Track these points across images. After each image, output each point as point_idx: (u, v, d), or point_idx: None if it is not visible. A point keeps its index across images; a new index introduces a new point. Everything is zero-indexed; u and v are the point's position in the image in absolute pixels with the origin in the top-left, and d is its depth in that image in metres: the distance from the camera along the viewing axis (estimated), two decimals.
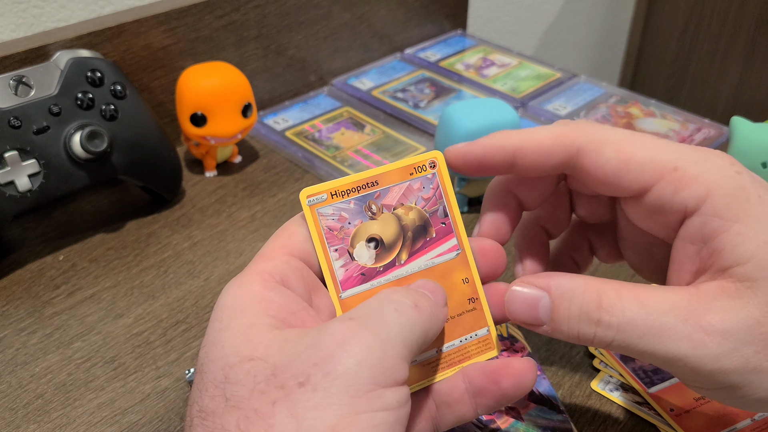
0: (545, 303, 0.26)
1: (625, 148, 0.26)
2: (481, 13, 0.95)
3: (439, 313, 0.26)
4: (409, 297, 0.25)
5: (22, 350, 0.40)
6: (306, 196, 0.27)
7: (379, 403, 0.22)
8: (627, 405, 0.36)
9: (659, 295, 0.25)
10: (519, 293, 0.26)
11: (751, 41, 1.09)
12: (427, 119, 0.62)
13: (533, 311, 0.26)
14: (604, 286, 0.25)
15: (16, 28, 0.54)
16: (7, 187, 0.43)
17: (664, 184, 0.25)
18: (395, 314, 0.24)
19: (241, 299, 0.25)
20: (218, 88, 0.51)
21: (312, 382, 0.22)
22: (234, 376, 0.23)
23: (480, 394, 0.27)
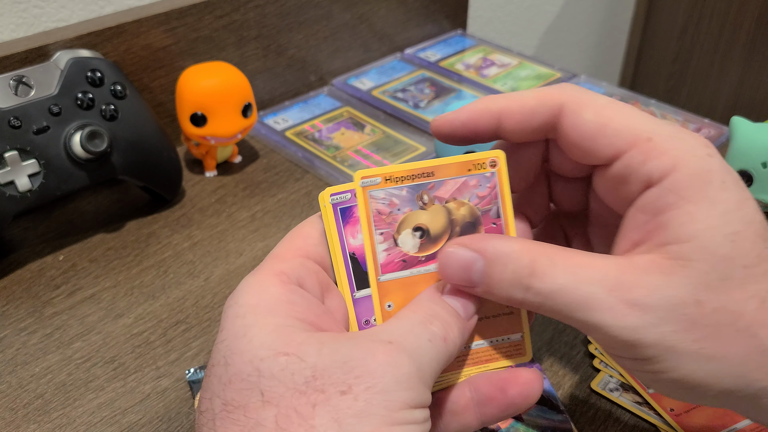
0: (479, 266, 0.26)
1: (605, 113, 0.26)
2: (481, 13, 0.95)
3: (465, 332, 0.27)
4: (441, 329, 0.26)
5: (22, 350, 0.40)
6: (360, 177, 0.27)
7: (411, 418, 0.23)
8: (627, 405, 0.36)
9: (591, 264, 0.25)
10: (454, 254, 0.26)
11: (751, 41, 1.09)
12: (427, 119, 0.62)
13: (467, 273, 0.26)
14: (538, 252, 0.25)
15: (16, 28, 0.54)
16: (7, 187, 0.43)
17: (635, 152, 0.25)
18: (429, 345, 0.25)
19: (265, 299, 0.25)
20: (218, 88, 0.51)
21: (354, 392, 0.23)
22: (267, 370, 0.23)
23: (486, 403, 0.27)
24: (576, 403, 0.36)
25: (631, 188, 0.26)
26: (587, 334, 0.26)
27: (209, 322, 0.42)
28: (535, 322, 0.41)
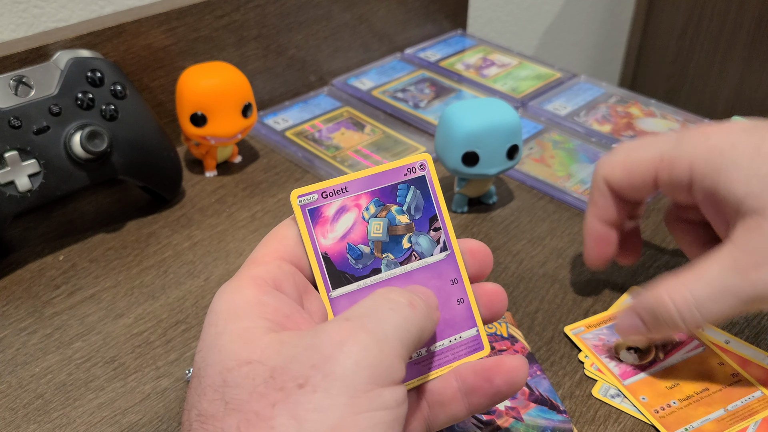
0: (638, 321, 0.35)
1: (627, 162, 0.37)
2: (481, 13, 0.95)
3: (433, 313, 0.26)
4: (404, 296, 0.25)
5: (22, 350, 0.40)
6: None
7: (379, 402, 0.22)
8: (629, 411, 0.36)
9: (708, 262, 0.32)
10: (624, 321, 0.36)
11: (751, 41, 1.09)
12: (427, 119, 0.62)
13: (636, 329, 0.35)
14: (669, 287, 0.33)
15: (16, 28, 0.54)
16: (7, 187, 0.43)
17: (662, 174, 0.34)
18: (391, 313, 0.24)
19: (235, 303, 0.25)
20: (218, 88, 0.51)
21: (311, 383, 0.22)
22: (233, 380, 0.23)
23: (473, 392, 0.28)
24: (576, 404, 0.36)
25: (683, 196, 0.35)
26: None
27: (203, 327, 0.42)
28: (535, 321, 0.41)
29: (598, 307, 0.42)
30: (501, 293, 0.30)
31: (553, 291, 0.44)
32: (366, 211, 0.28)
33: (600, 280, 0.44)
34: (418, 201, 0.29)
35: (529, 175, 0.54)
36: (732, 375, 0.37)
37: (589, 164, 0.56)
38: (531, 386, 0.36)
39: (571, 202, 0.52)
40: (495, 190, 0.52)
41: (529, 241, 0.48)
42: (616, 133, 0.60)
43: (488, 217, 0.51)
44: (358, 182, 0.28)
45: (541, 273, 0.45)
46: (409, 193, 0.29)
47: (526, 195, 0.53)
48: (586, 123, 0.61)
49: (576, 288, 0.44)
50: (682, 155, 0.32)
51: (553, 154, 0.57)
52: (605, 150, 0.57)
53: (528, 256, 0.47)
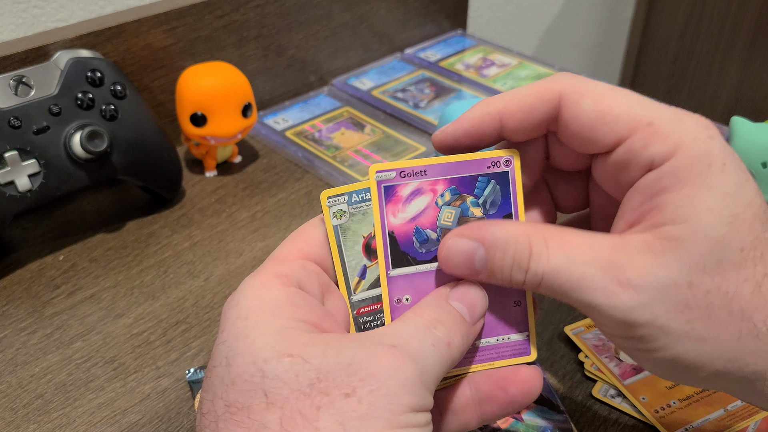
0: (480, 254, 0.26)
1: (604, 100, 0.26)
2: (481, 13, 0.95)
3: (470, 337, 0.27)
4: (446, 334, 0.26)
5: (22, 350, 0.40)
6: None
7: (414, 421, 0.23)
8: (629, 410, 0.36)
9: (584, 244, 0.25)
10: (454, 246, 0.27)
11: (751, 41, 1.09)
12: (427, 119, 0.62)
13: (469, 262, 0.27)
14: (534, 234, 0.26)
15: (16, 28, 0.54)
16: (7, 187, 0.43)
17: (637, 138, 0.25)
18: (432, 349, 0.25)
19: (267, 302, 0.25)
20: (218, 88, 0.51)
21: (358, 394, 0.23)
22: (271, 371, 0.23)
23: (487, 401, 0.28)
24: (576, 404, 0.36)
25: (631, 174, 0.26)
26: (585, 314, 0.26)
27: (209, 322, 0.42)
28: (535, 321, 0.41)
29: None
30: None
31: None
32: (441, 198, 0.28)
33: None
34: (495, 196, 0.28)
35: None
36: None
37: None
38: None
39: None
40: None
41: None
42: None
43: None
44: (438, 167, 0.28)
45: None
46: (488, 186, 0.28)
47: None
48: None
49: None
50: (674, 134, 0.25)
51: None
52: None
53: None
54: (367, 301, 0.28)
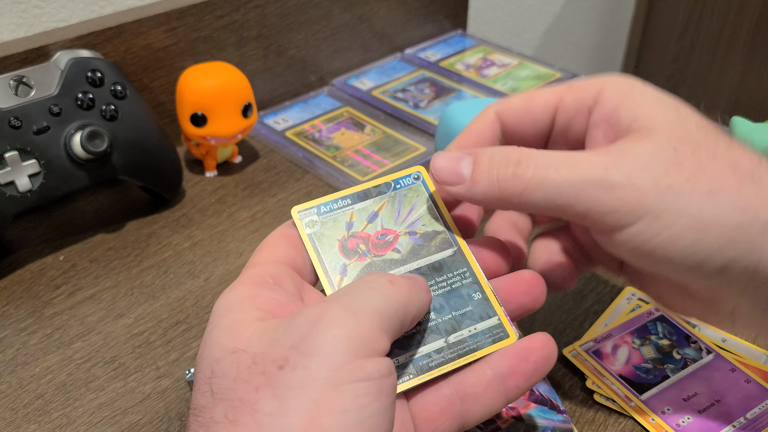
0: (468, 162, 0.28)
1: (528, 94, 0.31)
2: (481, 13, 0.95)
3: (420, 292, 0.26)
4: (384, 275, 0.25)
5: (23, 350, 0.40)
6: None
7: (360, 373, 0.22)
8: (628, 410, 0.36)
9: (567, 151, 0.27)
10: (444, 155, 0.28)
11: (751, 41, 1.09)
12: (427, 119, 0.62)
13: (456, 168, 0.28)
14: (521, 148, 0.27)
15: (17, 28, 0.54)
16: (7, 187, 0.43)
17: (566, 98, 0.29)
18: (368, 290, 0.24)
19: (229, 300, 0.26)
20: (218, 88, 0.51)
21: (291, 363, 0.22)
22: (219, 370, 0.24)
23: (510, 375, 0.27)
24: (576, 403, 0.36)
25: (579, 124, 0.29)
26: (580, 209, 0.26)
27: None
28: (535, 322, 0.41)
29: (598, 307, 0.42)
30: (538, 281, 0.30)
31: None
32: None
33: (600, 279, 0.44)
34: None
35: None
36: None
37: None
38: None
39: None
40: None
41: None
42: None
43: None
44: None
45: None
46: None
47: None
48: None
49: (576, 287, 0.44)
50: (593, 82, 0.29)
51: None
52: None
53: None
54: None
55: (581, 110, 0.29)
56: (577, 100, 0.29)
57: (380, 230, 0.30)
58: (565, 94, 0.30)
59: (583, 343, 0.39)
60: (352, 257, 0.29)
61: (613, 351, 0.38)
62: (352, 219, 0.30)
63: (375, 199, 0.31)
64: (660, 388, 0.36)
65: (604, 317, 0.41)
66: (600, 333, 0.40)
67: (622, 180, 0.25)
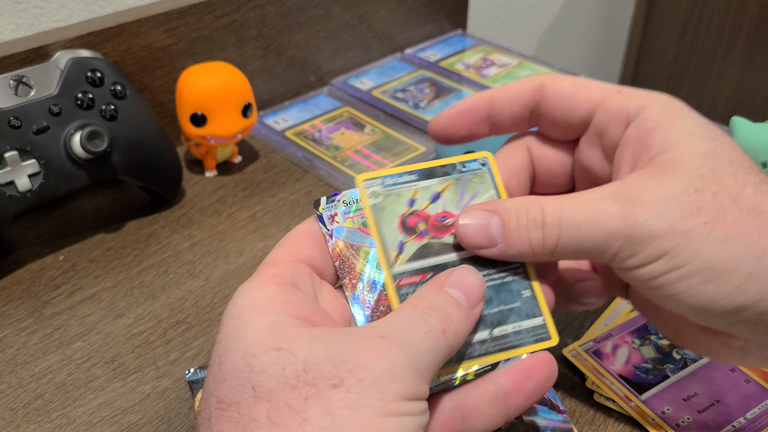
0: (496, 222, 0.28)
1: (578, 81, 0.30)
2: (481, 13, 0.95)
3: (468, 322, 0.27)
4: (440, 321, 0.26)
5: (22, 350, 0.40)
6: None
7: (406, 409, 0.23)
8: (628, 410, 0.36)
9: (590, 192, 0.27)
10: (470, 217, 0.28)
11: (751, 41, 1.09)
12: (427, 119, 0.62)
13: (486, 231, 0.28)
14: (542, 198, 0.28)
15: (16, 28, 0.54)
16: (7, 187, 0.43)
17: (610, 101, 0.29)
18: (425, 337, 0.25)
19: (259, 299, 0.26)
20: (218, 88, 0.51)
21: (345, 384, 0.23)
22: (259, 365, 0.23)
23: (513, 393, 0.27)
24: (576, 403, 0.36)
25: (613, 133, 0.29)
26: (605, 258, 0.27)
27: (209, 322, 0.42)
28: None
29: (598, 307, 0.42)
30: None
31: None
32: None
33: None
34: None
35: None
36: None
37: None
38: None
39: None
40: None
41: None
42: None
43: None
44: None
45: None
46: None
47: None
48: None
49: None
50: (640, 95, 0.30)
51: None
52: None
53: None
54: (407, 273, 0.28)
55: (620, 119, 0.29)
56: (620, 107, 0.29)
57: (441, 212, 0.29)
58: (611, 97, 0.30)
59: (583, 343, 0.39)
60: (410, 235, 0.29)
61: (612, 351, 0.39)
62: (414, 196, 0.30)
63: (440, 179, 0.30)
64: (660, 388, 0.36)
65: (604, 317, 0.41)
66: (600, 333, 0.40)
67: (640, 229, 0.25)
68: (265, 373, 0.23)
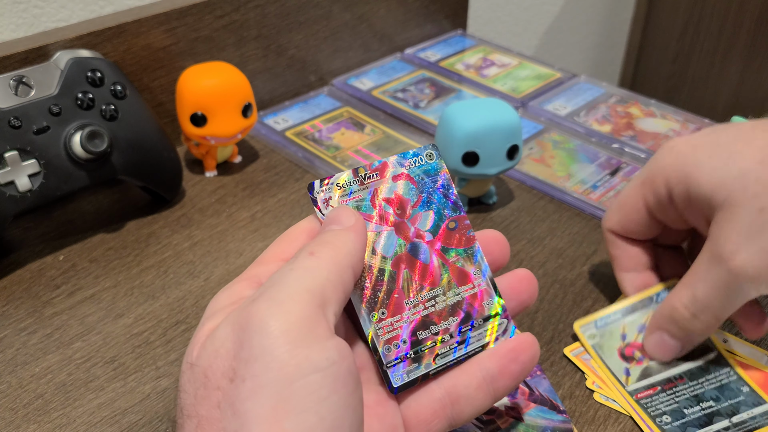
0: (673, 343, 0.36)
1: (619, 202, 0.39)
2: (481, 13, 0.95)
3: (347, 234, 0.25)
4: (305, 249, 0.24)
5: (22, 350, 0.40)
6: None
7: (308, 366, 0.21)
8: (628, 410, 0.36)
9: (698, 260, 0.34)
10: (648, 343, 0.37)
11: (751, 41, 1.09)
12: (427, 119, 0.62)
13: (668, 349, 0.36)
14: (679, 293, 0.35)
15: (16, 28, 0.54)
16: (7, 187, 0.43)
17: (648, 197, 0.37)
18: (291, 273, 0.23)
19: (217, 302, 0.25)
20: (218, 88, 0.51)
21: (239, 375, 0.21)
22: (182, 385, 0.23)
23: (500, 376, 0.28)
24: (576, 404, 0.36)
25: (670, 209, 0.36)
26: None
27: None
28: (535, 321, 0.41)
29: (598, 306, 0.42)
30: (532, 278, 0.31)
31: (553, 291, 0.44)
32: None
33: (600, 280, 0.44)
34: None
35: (529, 175, 0.54)
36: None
37: (589, 164, 0.56)
38: (531, 386, 0.36)
39: (571, 202, 0.52)
40: (495, 190, 0.52)
41: (529, 241, 0.48)
42: (616, 133, 0.60)
43: (488, 217, 0.51)
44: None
45: (541, 273, 0.45)
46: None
47: (526, 195, 0.53)
48: (586, 123, 0.61)
49: (576, 288, 0.44)
50: (657, 172, 0.34)
51: (553, 154, 0.57)
52: (605, 150, 0.57)
53: (528, 256, 0.47)
54: (640, 389, 0.36)
55: (663, 202, 0.35)
56: (656, 197, 0.35)
57: None
58: (646, 193, 0.36)
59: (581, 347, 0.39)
60: (631, 362, 0.37)
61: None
62: (624, 331, 0.38)
63: (641, 312, 0.38)
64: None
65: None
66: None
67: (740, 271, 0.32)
68: (185, 392, 0.23)
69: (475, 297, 0.29)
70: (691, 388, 0.36)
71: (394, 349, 0.27)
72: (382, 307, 0.27)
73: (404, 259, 0.28)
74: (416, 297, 0.28)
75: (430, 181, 0.30)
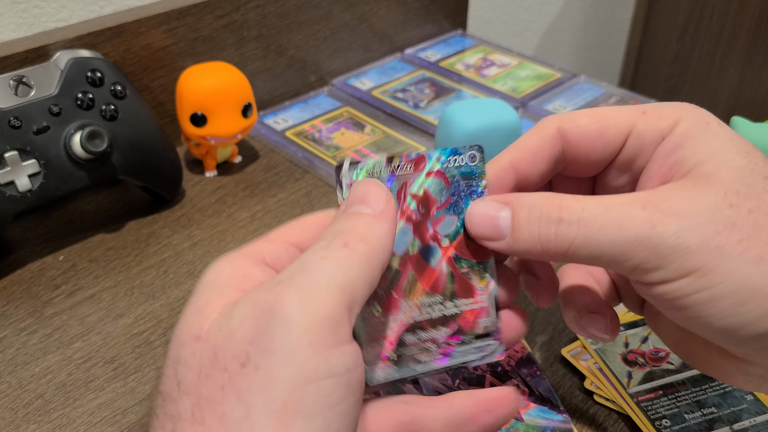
0: (506, 214, 0.26)
1: (597, 114, 0.28)
2: (481, 13, 0.95)
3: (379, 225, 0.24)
4: (337, 237, 0.23)
5: (22, 350, 0.40)
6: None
7: (325, 369, 0.20)
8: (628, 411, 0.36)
9: (617, 195, 0.25)
10: (479, 207, 0.26)
11: (751, 41, 1.09)
12: (427, 119, 0.62)
13: (493, 223, 0.26)
14: (564, 195, 0.25)
15: (16, 28, 0.54)
16: (7, 187, 0.43)
17: (640, 125, 0.27)
18: (322, 262, 0.22)
19: (219, 274, 0.24)
20: (218, 88, 0.51)
21: (252, 361, 0.20)
22: (184, 357, 0.22)
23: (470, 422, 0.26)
24: (576, 403, 0.36)
25: (646, 156, 0.27)
26: (625, 267, 0.24)
27: None
28: (535, 322, 0.41)
29: None
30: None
31: None
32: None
33: None
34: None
35: None
36: None
37: None
38: (531, 386, 0.36)
39: None
40: None
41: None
42: None
43: None
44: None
45: None
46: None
47: None
48: None
49: None
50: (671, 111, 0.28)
51: None
52: None
53: None
54: (642, 392, 0.36)
55: (655, 140, 0.27)
56: (653, 129, 0.27)
57: (652, 349, 0.38)
58: (640, 120, 0.27)
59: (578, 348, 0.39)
60: (634, 366, 0.37)
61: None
62: (627, 340, 0.39)
63: (643, 327, 0.39)
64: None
65: None
66: None
67: (670, 240, 0.23)
68: (187, 366, 0.21)
69: (472, 313, 0.28)
70: (693, 393, 0.36)
71: (377, 348, 0.27)
72: (378, 304, 0.27)
73: (413, 260, 0.27)
74: (414, 300, 0.27)
75: (465, 185, 0.27)
